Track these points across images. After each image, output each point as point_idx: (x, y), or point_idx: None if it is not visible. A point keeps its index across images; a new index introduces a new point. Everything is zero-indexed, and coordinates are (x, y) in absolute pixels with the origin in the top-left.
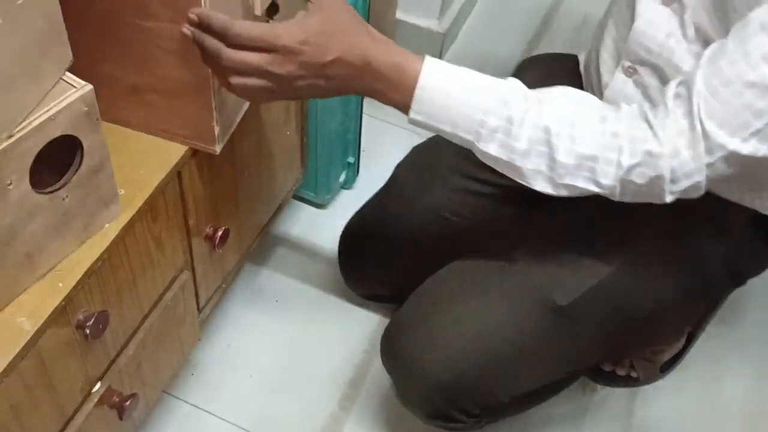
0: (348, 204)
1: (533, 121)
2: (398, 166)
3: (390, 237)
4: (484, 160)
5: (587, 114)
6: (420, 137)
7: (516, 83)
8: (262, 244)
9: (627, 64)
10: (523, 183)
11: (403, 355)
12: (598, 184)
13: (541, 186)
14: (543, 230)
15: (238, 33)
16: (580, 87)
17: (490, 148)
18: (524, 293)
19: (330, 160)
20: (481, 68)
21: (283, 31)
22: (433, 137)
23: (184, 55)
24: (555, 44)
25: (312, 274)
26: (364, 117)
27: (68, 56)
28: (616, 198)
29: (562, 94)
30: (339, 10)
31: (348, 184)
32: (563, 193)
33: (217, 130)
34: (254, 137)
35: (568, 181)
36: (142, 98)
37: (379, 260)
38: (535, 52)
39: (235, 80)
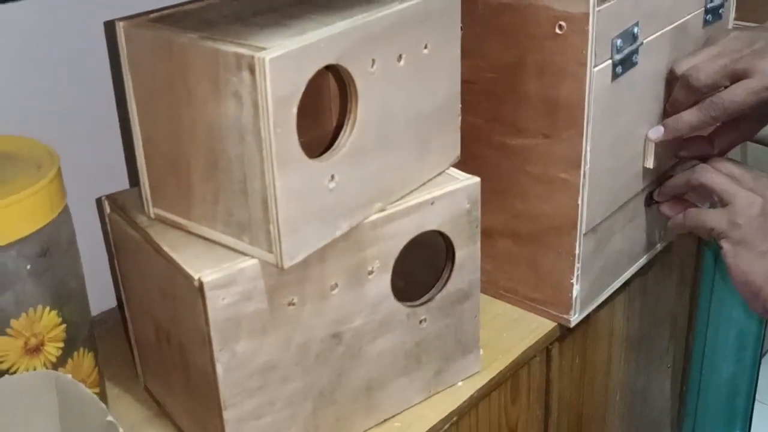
0: None
1: None
2: None
3: None
4: None
5: None
6: None
7: None
8: None
9: None
10: None
11: None
12: None
13: None
14: None
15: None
16: None
17: None
18: None
19: (712, 428)
20: None
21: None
22: None
23: (551, 181)
24: None
25: None
26: (756, 405)
27: (456, 151)
28: None
29: None
30: None
31: None
32: None
33: (575, 290)
34: (630, 358)
35: None
36: (494, 245)
37: None
38: None
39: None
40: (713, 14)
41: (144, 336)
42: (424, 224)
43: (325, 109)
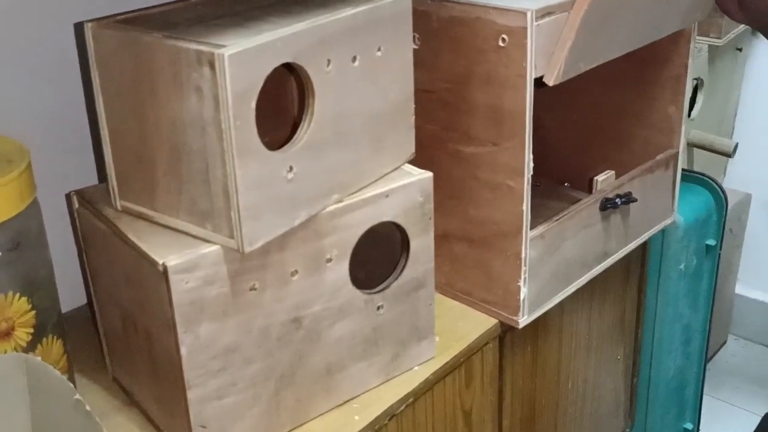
0: None
1: None
2: None
3: None
4: None
5: None
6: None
7: None
8: None
9: None
10: None
11: None
12: None
13: None
14: None
15: None
16: None
17: None
18: None
19: (663, 419)
20: None
21: None
22: None
23: (499, 187)
24: None
25: None
26: (706, 398)
27: (411, 149)
28: None
29: None
30: None
31: None
32: None
33: (522, 293)
34: (581, 349)
35: None
36: (451, 249)
37: None
38: None
39: None
40: None
41: (111, 326)
42: (380, 215)
43: (288, 111)
